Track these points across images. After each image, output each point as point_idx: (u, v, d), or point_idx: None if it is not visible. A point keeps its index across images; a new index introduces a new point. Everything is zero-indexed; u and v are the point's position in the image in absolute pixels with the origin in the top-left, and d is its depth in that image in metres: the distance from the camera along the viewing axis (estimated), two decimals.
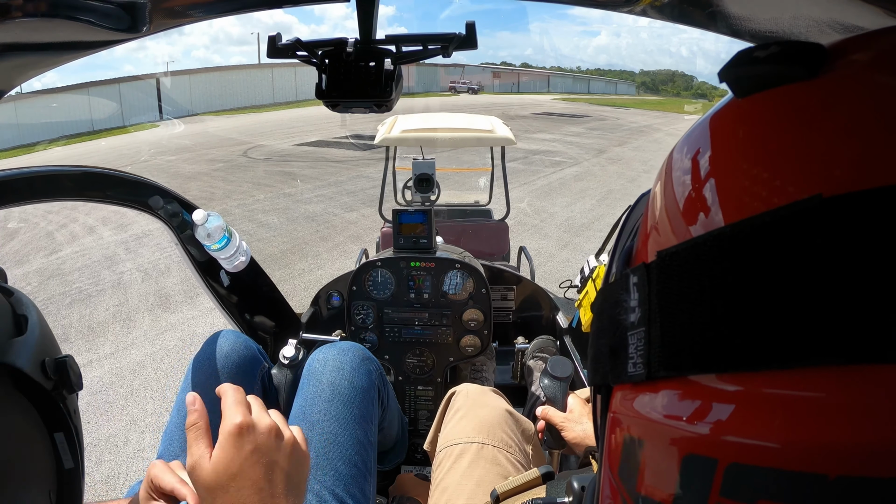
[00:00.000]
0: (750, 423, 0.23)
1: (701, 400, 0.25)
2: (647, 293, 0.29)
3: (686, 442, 0.26)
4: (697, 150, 0.30)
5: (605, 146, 14.54)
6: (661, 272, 0.28)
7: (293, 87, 31.87)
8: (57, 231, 7.33)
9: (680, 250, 0.27)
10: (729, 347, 0.24)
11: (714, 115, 0.30)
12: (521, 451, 1.11)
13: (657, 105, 35.20)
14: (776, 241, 0.23)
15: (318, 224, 7.16)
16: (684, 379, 0.26)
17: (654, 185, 0.34)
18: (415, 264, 1.62)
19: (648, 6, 0.67)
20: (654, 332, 0.27)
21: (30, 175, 1.11)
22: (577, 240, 6.35)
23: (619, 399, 0.32)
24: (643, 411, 0.29)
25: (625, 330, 0.30)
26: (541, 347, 1.73)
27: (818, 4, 0.53)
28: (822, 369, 0.21)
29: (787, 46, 0.26)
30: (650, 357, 0.28)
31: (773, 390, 0.23)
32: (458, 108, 18.82)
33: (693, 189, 0.29)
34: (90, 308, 4.70)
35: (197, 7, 0.74)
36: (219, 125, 20.69)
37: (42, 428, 0.57)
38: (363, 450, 1.04)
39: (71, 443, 0.59)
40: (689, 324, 0.26)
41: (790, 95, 0.26)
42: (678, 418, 0.26)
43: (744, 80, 0.28)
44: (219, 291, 1.58)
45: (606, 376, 0.33)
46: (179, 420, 1.09)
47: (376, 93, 0.78)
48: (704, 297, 0.25)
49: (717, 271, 0.25)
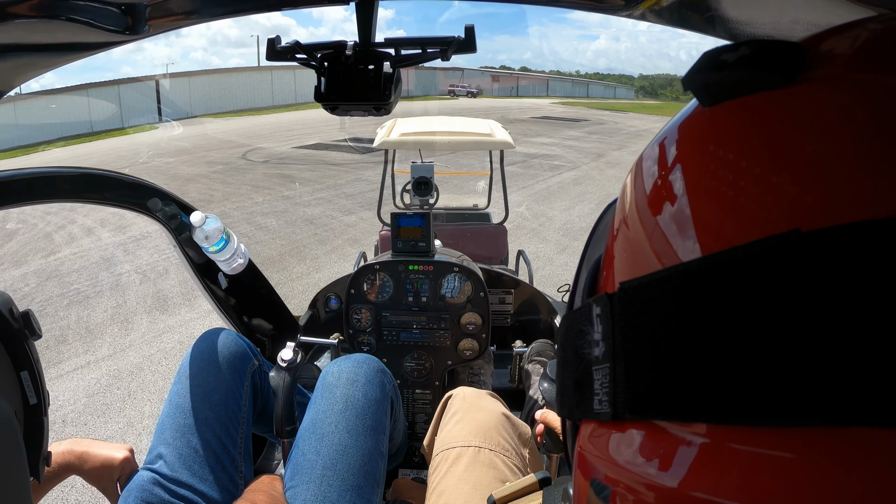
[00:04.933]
0: (717, 479, 0.21)
1: (667, 448, 0.23)
2: (611, 327, 0.26)
3: (652, 492, 0.23)
4: (662, 164, 0.27)
5: (603, 150, 14.56)
6: (624, 306, 0.25)
7: (292, 90, 31.90)
8: (55, 232, 7.31)
9: (644, 283, 0.24)
10: (694, 396, 0.21)
11: (680, 124, 0.27)
12: (518, 455, 1.11)
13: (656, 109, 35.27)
14: (748, 280, 0.20)
15: (316, 227, 7.15)
16: (651, 423, 0.24)
17: (619, 197, 0.31)
18: (413, 268, 1.61)
19: (647, 10, 0.67)
20: (619, 371, 0.25)
21: (28, 176, 1.11)
22: (575, 244, 6.34)
23: (587, 435, 0.30)
24: (609, 452, 0.27)
25: (589, 364, 0.28)
26: (539, 351, 1.73)
27: (817, 8, 0.54)
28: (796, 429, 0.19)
29: (759, 47, 0.23)
30: (615, 396, 0.25)
31: (742, 447, 0.20)
32: (457, 112, 18.88)
33: (657, 213, 0.26)
34: (88, 310, 4.69)
35: (195, 9, 0.74)
36: (218, 127, 20.69)
37: (10, 365, 0.66)
38: (373, 460, 1.04)
39: (34, 381, 0.68)
40: (653, 366, 0.23)
41: (763, 106, 0.23)
42: (643, 466, 0.24)
43: (711, 88, 0.25)
44: (217, 294, 1.58)
45: (573, 411, 0.30)
46: (171, 412, 1.10)
47: (375, 96, 0.78)
48: (670, 337, 0.22)
49: (684, 311, 0.22)
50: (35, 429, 0.69)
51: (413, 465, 1.64)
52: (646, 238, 0.26)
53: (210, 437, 1.07)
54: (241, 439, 1.13)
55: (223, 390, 1.13)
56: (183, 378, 1.13)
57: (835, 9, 0.51)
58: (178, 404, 1.10)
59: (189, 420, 1.07)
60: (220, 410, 1.10)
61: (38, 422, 0.69)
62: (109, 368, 3.68)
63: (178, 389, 1.12)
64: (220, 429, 1.09)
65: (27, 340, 0.68)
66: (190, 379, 1.13)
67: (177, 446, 1.05)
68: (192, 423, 1.07)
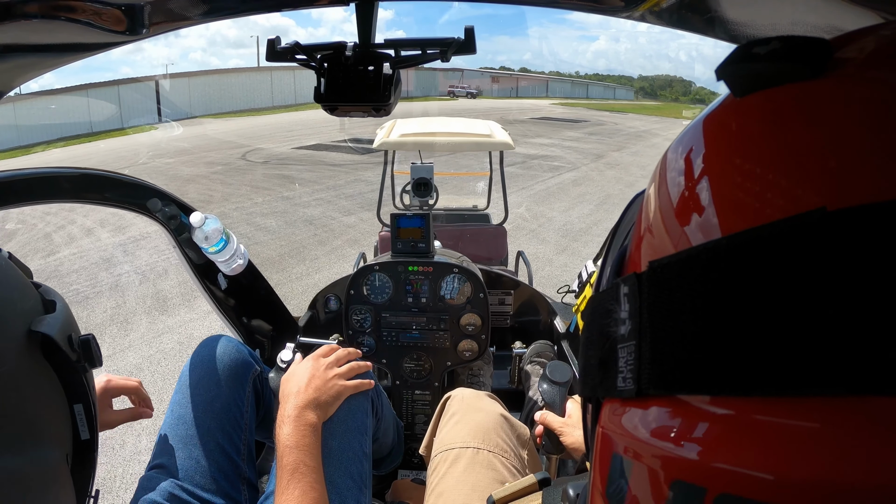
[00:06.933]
0: (740, 450, 0.22)
1: (691, 422, 0.24)
2: (638, 305, 0.27)
3: (674, 466, 0.24)
4: (691, 151, 0.28)
5: (603, 151, 14.58)
6: (653, 284, 0.26)
7: (292, 91, 31.93)
8: (55, 233, 7.31)
9: (672, 262, 0.25)
10: (720, 369, 0.22)
11: (709, 115, 0.29)
12: (517, 456, 1.11)
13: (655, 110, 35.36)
14: (774, 257, 0.21)
15: (316, 228, 7.15)
16: (675, 398, 0.25)
17: (648, 186, 0.32)
18: (413, 268, 1.62)
19: (647, 11, 0.67)
20: (645, 347, 0.26)
21: (28, 176, 1.11)
22: (574, 244, 6.35)
23: (608, 413, 0.30)
24: (631, 429, 0.28)
25: (614, 342, 0.29)
26: (538, 352, 1.73)
27: (816, 10, 0.54)
28: (820, 399, 0.20)
29: (790, 42, 0.24)
30: (640, 373, 0.26)
31: (766, 417, 0.21)
32: (456, 113, 18.89)
33: (687, 194, 0.27)
34: (87, 310, 4.69)
35: (195, 10, 0.74)
36: (217, 128, 20.70)
37: (63, 397, 0.60)
38: (358, 461, 1.04)
39: (88, 415, 0.62)
40: (680, 341, 0.24)
41: (791, 96, 0.24)
42: (666, 439, 0.25)
43: (742, 79, 0.26)
44: (216, 294, 1.57)
45: (596, 389, 0.31)
46: (173, 422, 1.09)
47: (375, 97, 0.78)
48: (697, 313, 0.23)
49: (711, 287, 0.23)
50: (84, 466, 0.64)
51: (413, 466, 1.64)
52: (674, 218, 0.27)
53: (213, 447, 1.06)
54: (245, 446, 1.13)
55: (225, 398, 1.12)
56: (183, 387, 1.12)
57: (834, 10, 0.51)
58: (180, 414, 1.09)
59: (191, 431, 1.07)
60: (222, 419, 1.10)
61: (89, 459, 0.64)
62: (108, 369, 3.66)
63: (178, 399, 1.11)
64: (222, 437, 1.08)
65: (86, 373, 0.63)
66: (191, 388, 1.12)
67: (179, 457, 1.04)
68: (195, 433, 1.06)
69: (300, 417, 0.96)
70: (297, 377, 1.06)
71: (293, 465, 0.90)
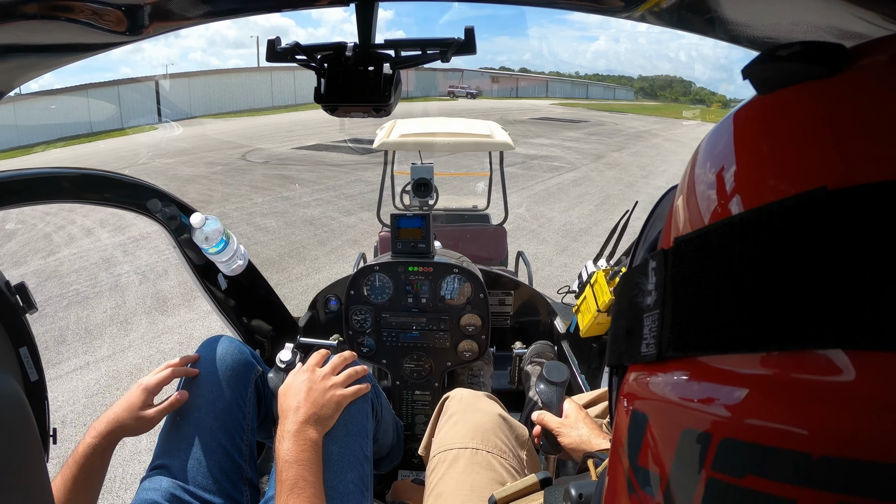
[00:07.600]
0: (772, 405, 0.24)
1: (703, 380, 0.27)
2: (664, 277, 0.30)
3: (685, 417, 0.27)
4: (719, 142, 0.31)
5: (603, 151, 14.58)
6: (677, 257, 0.29)
7: (292, 91, 31.92)
8: (55, 233, 7.31)
9: (694, 237, 0.28)
10: (729, 329, 0.25)
11: (737, 111, 0.32)
12: (516, 457, 1.11)
13: (655, 110, 35.36)
14: (782, 230, 0.24)
15: (316, 228, 7.15)
16: (691, 360, 0.28)
17: (681, 179, 0.36)
18: (413, 269, 1.62)
19: (647, 12, 0.67)
20: (667, 315, 0.29)
21: (28, 176, 1.11)
22: (574, 245, 6.35)
23: (632, 378, 0.33)
24: (652, 388, 0.30)
25: (641, 312, 0.32)
26: (538, 352, 1.73)
27: (816, 11, 0.54)
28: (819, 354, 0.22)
29: (810, 45, 0.27)
30: (661, 338, 0.29)
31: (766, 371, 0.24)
32: (456, 113, 18.87)
33: (712, 179, 0.30)
34: (87, 310, 4.69)
35: (195, 10, 0.74)
36: (217, 128, 20.70)
37: (8, 341, 0.62)
38: (359, 466, 1.03)
39: (34, 356, 0.65)
40: (696, 306, 0.27)
41: (806, 91, 0.27)
42: (683, 398, 0.28)
43: (766, 77, 0.29)
44: (216, 295, 1.58)
45: (621, 356, 0.34)
46: (174, 422, 1.09)
47: (375, 97, 0.78)
48: (713, 281, 0.26)
49: (726, 257, 0.26)
50: (39, 405, 0.66)
51: (412, 466, 1.64)
52: (697, 199, 0.30)
53: (214, 447, 1.06)
54: (247, 447, 1.13)
55: (227, 399, 1.12)
56: (185, 388, 1.12)
57: (834, 10, 0.51)
58: (182, 415, 1.09)
59: (193, 431, 1.07)
60: (224, 419, 1.10)
61: (41, 398, 0.67)
62: (109, 369, 3.68)
63: None
64: (224, 438, 1.08)
65: (23, 315, 0.66)
66: (192, 389, 1.12)
67: (181, 457, 1.04)
68: (197, 433, 1.06)
69: (300, 433, 0.95)
70: (294, 391, 1.03)
71: (292, 481, 0.89)
